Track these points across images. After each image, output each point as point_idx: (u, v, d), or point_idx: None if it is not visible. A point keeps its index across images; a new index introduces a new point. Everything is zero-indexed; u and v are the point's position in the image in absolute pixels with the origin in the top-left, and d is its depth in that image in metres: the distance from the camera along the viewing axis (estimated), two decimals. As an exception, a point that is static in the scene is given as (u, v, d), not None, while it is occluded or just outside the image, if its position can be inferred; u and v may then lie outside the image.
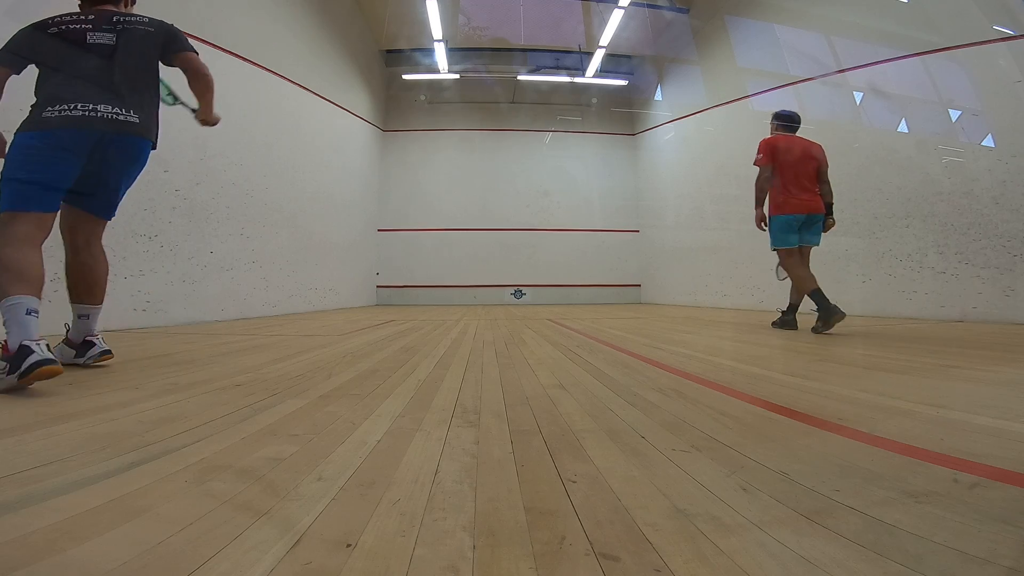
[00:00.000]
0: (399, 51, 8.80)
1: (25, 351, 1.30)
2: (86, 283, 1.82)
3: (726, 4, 6.57)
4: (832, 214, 3.31)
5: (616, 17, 7.20)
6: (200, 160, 4.04)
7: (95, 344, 1.77)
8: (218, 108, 1.99)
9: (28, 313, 1.42)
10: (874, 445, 0.88)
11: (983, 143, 4.04)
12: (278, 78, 5.36)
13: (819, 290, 3.04)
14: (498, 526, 0.59)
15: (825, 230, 3.32)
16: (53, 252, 1.68)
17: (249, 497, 0.67)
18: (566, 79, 8.72)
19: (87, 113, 1.61)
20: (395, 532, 0.57)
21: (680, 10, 7.54)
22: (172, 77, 1.90)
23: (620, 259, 9.24)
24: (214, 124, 2.05)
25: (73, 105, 1.60)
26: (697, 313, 5.60)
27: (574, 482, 0.73)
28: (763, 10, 5.98)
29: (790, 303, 3.45)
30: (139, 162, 1.82)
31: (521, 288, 9.07)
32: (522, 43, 8.54)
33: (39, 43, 1.66)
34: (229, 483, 0.72)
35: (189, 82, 1.89)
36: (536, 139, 9.33)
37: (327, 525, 0.59)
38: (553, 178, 9.26)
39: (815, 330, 3.02)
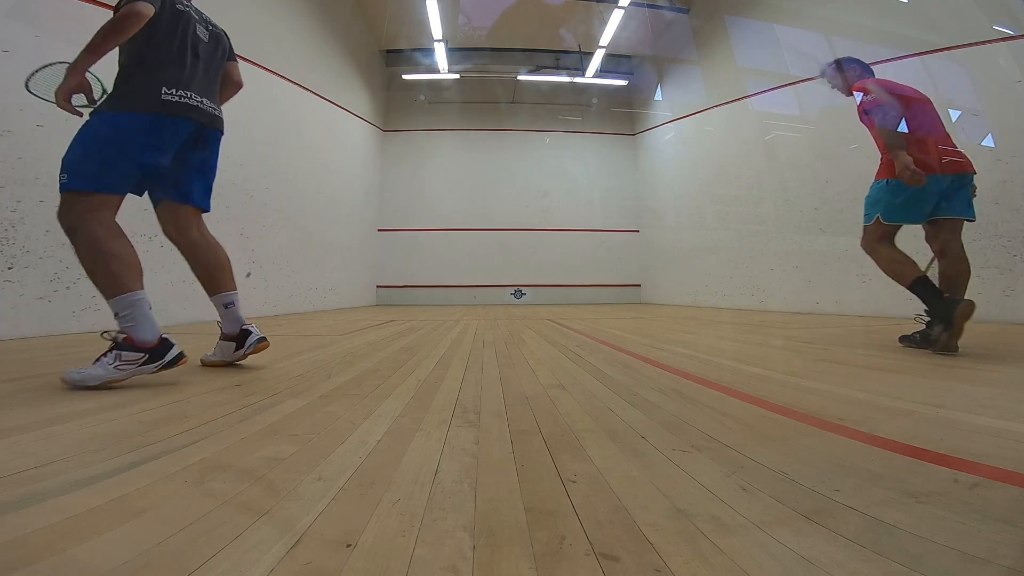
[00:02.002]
0: (399, 51, 8.80)
1: (167, 344, 1.48)
2: (216, 270, 1.82)
3: (726, 4, 6.57)
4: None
5: (616, 17, 7.20)
6: (200, 160, 4.03)
7: (251, 331, 1.78)
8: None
9: (150, 308, 1.49)
10: (874, 445, 0.88)
11: (983, 143, 4.04)
12: (278, 78, 5.36)
13: (926, 278, 2.26)
14: (498, 526, 0.59)
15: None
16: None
17: (249, 497, 0.67)
18: (566, 79, 8.72)
19: (199, 104, 1.62)
20: (395, 532, 0.57)
21: (680, 10, 7.54)
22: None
23: (620, 259, 9.24)
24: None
25: (188, 94, 1.58)
26: (697, 313, 5.60)
27: (574, 482, 0.73)
28: (763, 10, 5.98)
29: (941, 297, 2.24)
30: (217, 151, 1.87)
31: (521, 288, 9.07)
32: (522, 43, 8.54)
33: (175, 14, 1.59)
34: (229, 483, 0.72)
35: (223, 86, 1.91)
36: (536, 139, 9.33)
37: (327, 525, 0.59)
38: (553, 178, 9.26)
39: (931, 344, 2.17)
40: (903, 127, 2.30)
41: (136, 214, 3.47)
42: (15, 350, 2.22)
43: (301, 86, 5.84)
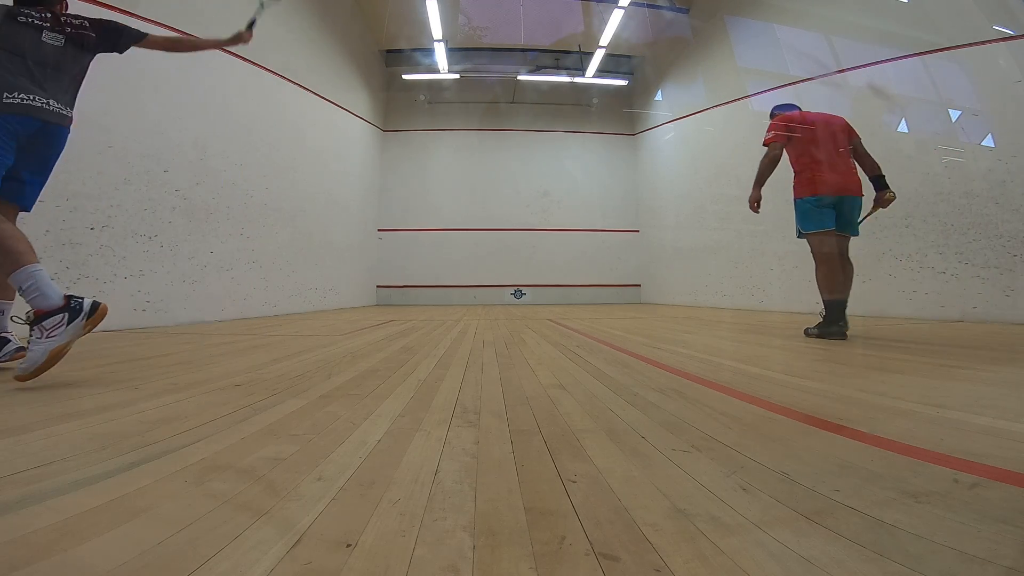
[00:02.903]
0: (399, 51, 8.81)
1: (75, 299, 1.49)
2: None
3: (726, 4, 6.57)
4: (887, 186, 2.80)
5: (616, 17, 7.20)
6: (200, 160, 4.04)
7: (9, 340, 1.75)
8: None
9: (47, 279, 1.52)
10: (874, 445, 0.88)
11: (983, 143, 4.04)
12: (278, 78, 5.36)
13: (842, 304, 2.73)
14: (498, 526, 0.59)
15: (884, 205, 2.79)
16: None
17: (249, 497, 0.67)
18: (566, 79, 8.73)
19: (44, 104, 1.67)
20: (395, 532, 0.57)
21: (680, 10, 7.54)
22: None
23: (620, 259, 9.24)
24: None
25: (32, 96, 1.65)
26: (697, 313, 5.60)
27: (574, 482, 0.73)
28: (763, 10, 5.98)
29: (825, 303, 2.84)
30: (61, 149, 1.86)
31: (521, 288, 9.07)
32: (522, 43, 8.54)
33: (13, 29, 1.69)
34: (229, 483, 0.72)
35: (174, 50, 2.10)
36: (536, 139, 9.33)
37: (327, 525, 0.59)
38: (553, 178, 9.27)
39: (807, 332, 2.84)
40: (802, 157, 2.90)
41: (137, 214, 3.48)
42: (15, 350, 2.21)
43: (301, 86, 5.84)
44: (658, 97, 8.70)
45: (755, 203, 2.98)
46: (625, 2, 6.90)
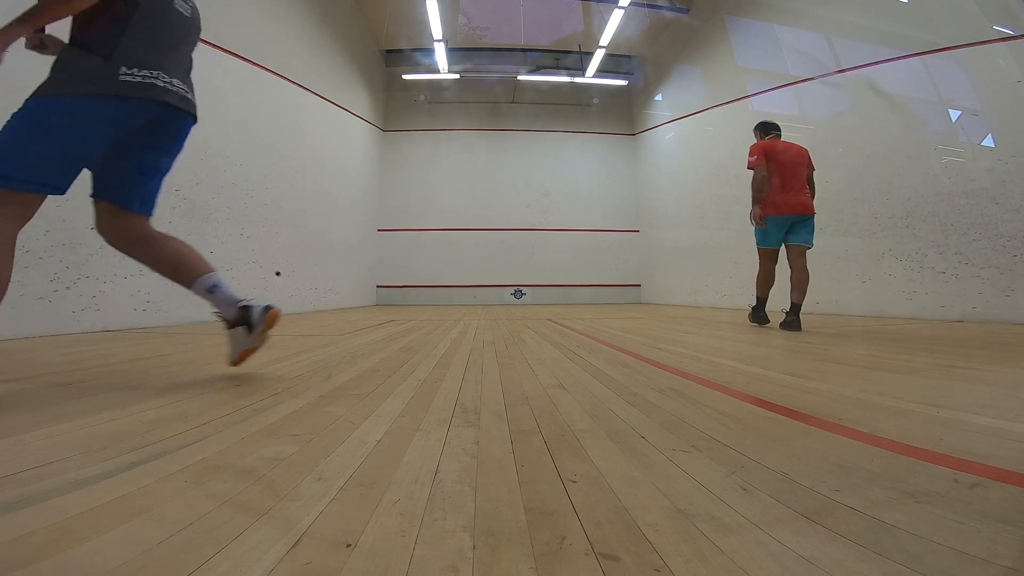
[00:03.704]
0: (399, 51, 8.80)
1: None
2: (179, 260, 1.63)
3: (726, 4, 6.57)
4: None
5: (616, 17, 7.20)
6: (200, 160, 4.04)
7: (251, 305, 1.58)
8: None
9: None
10: (874, 445, 0.88)
11: (983, 143, 4.04)
12: (278, 78, 5.36)
13: (765, 300, 3.62)
14: (498, 526, 0.59)
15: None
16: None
17: (249, 497, 0.67)
18: (566, 79, 8.72)
19: (167, 85, 1.38)
20: (395, 532, 0.57)
21: (680, 10, 7.54)
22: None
23: (620, 259, 9.24)
24: None
25: (155, 73, 1.35)
26: (697, 313, 5.60)
27: (574, 482, 0.73)
28: (763, 10, 5.98)
29: (761, 298, 3.69)
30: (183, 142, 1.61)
31: (521, 288, 9.07)
32: (522, 43, 8.54)
33: None
34: (229, 483, 0.72)
35: None
36: (536, 139, 9.33)
37: (327, 525, 0.59)
38: (553, 178, 9.26)
39: (749, 318, 3.68)
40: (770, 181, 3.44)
41: (136, 214, 3.47)
42: (15, 350, 2.22)
43: (301, 86, 5.84)
44: (658, 97, 8.70)
45: (760, 219, 3.47)
46: (625, 2, 6.90)
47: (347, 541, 0.55)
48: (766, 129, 3.69)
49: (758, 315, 3.60)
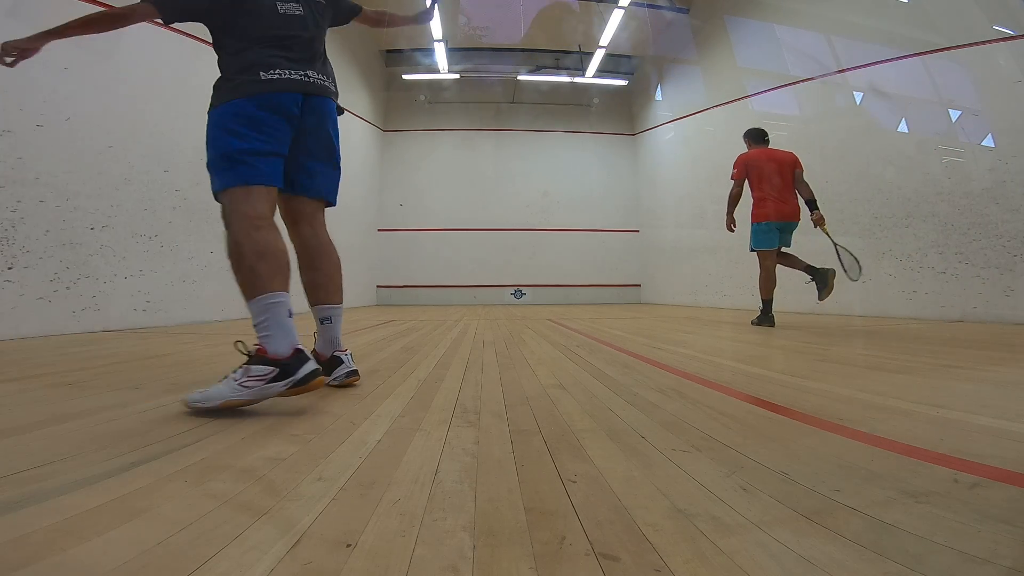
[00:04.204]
0: (399, 51, 8.80)
1: (301, 357, 1.20)
2: (329, 277, 1.60)
3: (726, 4, 6.57)
4: (817, 207, 3.55)
5: (616, 17, 7.19)
6: (200, 160, 4.02)
7: (344, 361, 1.50)
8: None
9: (290, 315, 1.26)
10: (874, 445, 0.88)
11: (983, 143, 4.04)
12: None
13: (771, 302, 3.67)
14: (498, 526, 0.59)
15: (820, 223, 3.53)
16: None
17: (249, 497, 0.67)
18: (566, 79, 8.72)
19: (302, 77, 1.45)
20: (395, 532, 0.57)
21: (680, 10, 7.53)
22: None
23: (620, 259, 9.24)
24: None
25: (287, 71, 1.43)
26: (697, 313, 5.60)
27: (574, 482, 0.73)
28: (763, 10, 5.97)
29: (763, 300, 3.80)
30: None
31: (521, 288, 9.06)
32: (522, 43, 8.54)
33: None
34: (229, 483, 0.72)
35: (374, 25, 1.90)
36: (536, 139, 9.33)
37: (327, 525, 0.59)
38: (553, 178, 9.26)
39: (752, 322, 3.71)
40: (755, 190, 3.68)
41: (137, 214, 3.48)
42: (15, 350, 2.22)
43: (301, 86, 5.83)
44: (658, 97, 8.70)
45: (732, 226, 3.76)
46: (625, 2, 6.90)
47: (347, 541, 0.55)
48: (756, 137, 3.79)
49: (765, 318, 3.63)
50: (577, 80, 8.68)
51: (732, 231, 3.75)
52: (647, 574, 0.49)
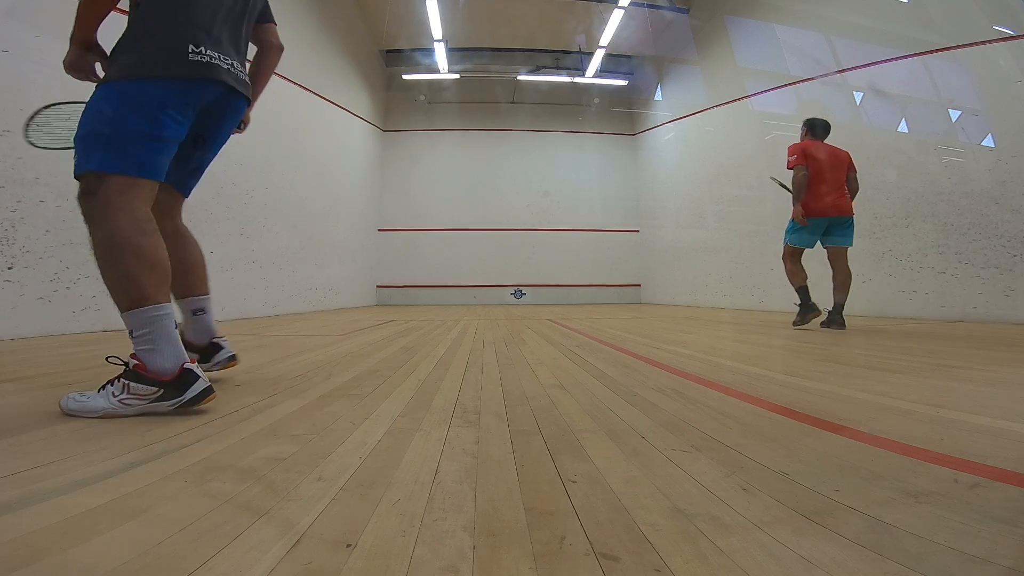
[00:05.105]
0: (399, 51, 8.80)
1: (190, 376, 1.12)
2: (193, 266, 1.52)
3: (726, 4, 6.57)
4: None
5: (616, 17, 7.20)
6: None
7: (222, 346, 1.49)
8: None
9: (175, 327, 1.17)
10: (874, 445, 0.88)
11: (983, 143, 4.04)
12: (278, 78, 5.36)
13: (806, 288, 3.37)
14: (498, 526, 0.59)
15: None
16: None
17: (249, 497, 0.67)
18: (566, 79, 8.72)
19: (227, 66, 1.30)
20: (395, 532, 0.57)
21: (680, 10, 7.53)
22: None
23: (620, 259, 9.24)
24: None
25: (215, 54, 1.27)
26: (697, 313, 5.60)
27: (574, 482, 0.73)
28: (763, 10, 5.97)
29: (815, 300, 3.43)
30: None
31: (521, 288, 9.07)
32: (522, 43, 8.53)
33: None
34: (229, 483, 0.72)
35: (262, 60, 1.61)
36: (536, 139, 9.33)
37: (327, 525, 0.59)
38: (553, 178, 9.26)
39: (794, 323, 3.37)
40: (812, 180, 3.37)
41: (136, 214, 3.47)
42: (15, 350, 2.22)
43: (301, 86, 5.84)
44: (658, 97, 8.70)
45: (802, 216, 3.34)
46: (625, 2, 6.90)
47: (347, 541, 0.55)
48: (813, 129, 3.57)
49: (807, 309, 3.33)
50: (577, 80, 8.68)
51: (805, 223, 3.34)
52: (647, 574, 0.49)
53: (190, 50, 1.21)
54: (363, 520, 0.60)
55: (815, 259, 3.51)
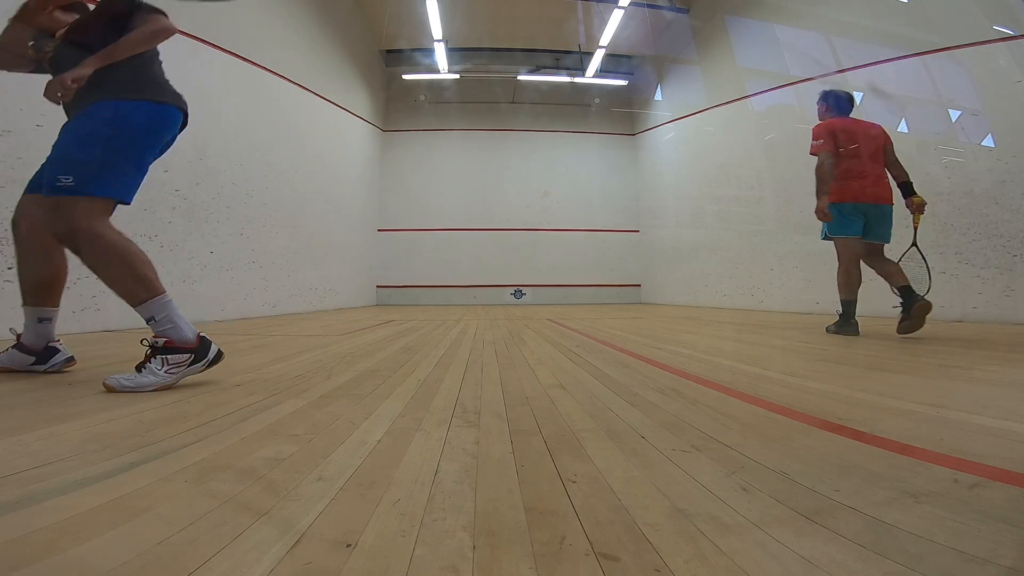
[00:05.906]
0: (399, 51, 8.80)
1: (206, 341, 1.44)
2: (56, 280, 1.63)
3: (726, 4, 6.57)
4: (915, 192, 2.92)
5: (616, 17, 7.20)
6: (200, 160, 4.03)
7: (59, 350, 1.62)
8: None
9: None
10: (874, 445, 0.88)
11: (983, 143, 4.04)
12: (278, 78, 5.36)
13: (855, 302, 2.92)
14: (498, 526, 0.59)
15: (918, 211, 2.91)
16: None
17: (249, 497, 0.67)
18: (566, 79, 8.72)
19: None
20: (395, 532, 0.57)
21: (680, 10, 7.53)
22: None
23: (620, 259, 9.24)
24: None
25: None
26: (697, 313, 5.60)
27: (574, 482, 0.73)
28: (763, 10, 5.97)
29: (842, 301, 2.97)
30: None
31: (521, 288, 9.07)
32: (522, 43, 8.53)
33: None
34: (229, 483, 0.72)
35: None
36: (536, 139, 9.33)
37: (327, 525, 0.59)
38: (553, 178, 9.26)
39: (828, 329, 2.98)
40: (845, 163, 2.91)
41: (137, 214, 3.48)
42: (15, 350, 2.21)
43: (301, 86, 5.84)
44: (658, 97, 8.70)
45: (823, 212, 2.88)
46: (625, 2, 6.90)
47: (347, 541, 0.55)
48: (838, 103, 3.06)
49: (847, 324, 2.90)
50: (577, 80, 8.68)
51: (829, 219, 2.89)
52: (647, 574, 0.49)
53: (169, 83, 1.53)
54: (363, 520, 0.60)
55: (816, 259, 3.48)
